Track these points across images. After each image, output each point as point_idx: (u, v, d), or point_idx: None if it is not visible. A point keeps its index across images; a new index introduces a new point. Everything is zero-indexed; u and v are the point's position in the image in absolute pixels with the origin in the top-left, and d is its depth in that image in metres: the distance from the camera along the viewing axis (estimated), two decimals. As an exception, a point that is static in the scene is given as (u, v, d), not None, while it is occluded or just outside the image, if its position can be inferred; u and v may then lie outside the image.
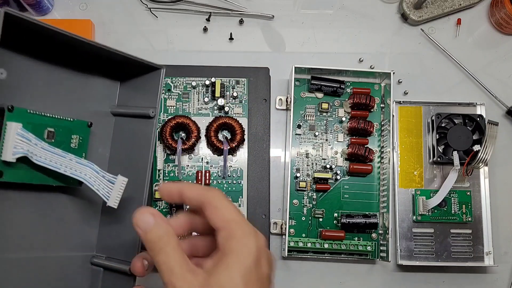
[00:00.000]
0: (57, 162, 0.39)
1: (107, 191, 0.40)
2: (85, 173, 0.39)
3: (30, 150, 0.37)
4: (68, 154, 0.39)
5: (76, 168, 0.39)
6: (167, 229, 0.34)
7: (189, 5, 0.64)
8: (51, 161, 0.38)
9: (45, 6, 0.62)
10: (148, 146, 0.46)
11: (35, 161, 0.38)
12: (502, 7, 0.62)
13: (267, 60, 0.62)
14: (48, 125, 0.42)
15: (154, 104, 0.46)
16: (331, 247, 0.56)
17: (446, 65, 0.64)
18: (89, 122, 0.46)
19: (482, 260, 0.58)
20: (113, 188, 0.40)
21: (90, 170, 0.39)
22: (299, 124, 0.60)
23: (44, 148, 0.38)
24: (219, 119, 0.57)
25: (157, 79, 0.47)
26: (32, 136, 0.38)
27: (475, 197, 0.59)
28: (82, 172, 0.39)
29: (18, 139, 0.36)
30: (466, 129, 0.59)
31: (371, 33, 0.65)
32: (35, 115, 0.41)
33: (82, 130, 0.46)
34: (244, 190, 0.57)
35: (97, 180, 0.39)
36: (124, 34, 0.64)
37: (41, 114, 0.42)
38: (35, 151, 0.38)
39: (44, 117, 0.42)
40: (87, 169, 0.39)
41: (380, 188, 0.58)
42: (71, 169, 0.39)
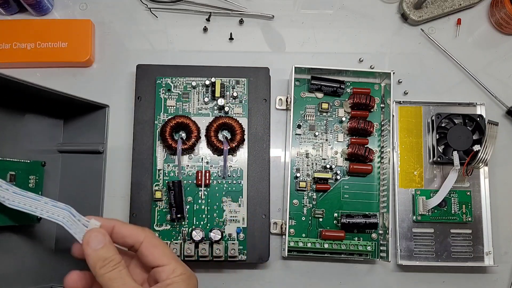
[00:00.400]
0: (31, 205, 0.39)
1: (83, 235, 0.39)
2: (63, 216, 0.38)
3: (2, 195, 0.38)
4: (42, 198, 0.39)
5: (53, 212, 0.39)
6: (116, 249, 0.37)
7: (189, 5, 0.64)
8: (25, 204, 0.39)
9: (45, 6, 0.62)
10: (100, 182, 0.47)
11: (8, 205, 0.38)
12: (502, 7, 0.62)
13: (267, 60, 0.63)
14: (8, 169, 0.44)
15: (102, 140, 0.48)
16: (331, 247, 0.56)
17: (446, 65, 0.64)
18: (43, 162, 0.48)
19: (482, 260, 0.58)
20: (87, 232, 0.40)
21: (67, 214, 0.39)
22: (299, 124, 0.60)
23: (16, 192, 0.39)
24: (219, 119, 0.57)
25: (103, 116, 0.49)
26: (3, 182, 0.39)
27: (475, 197, 0.59)
28: (60, 215, 0.38)
29: None
30: (466, 129, 0.59)
31: (371, 33, 0.65)
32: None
33: (37, 170, 0.48)
34: (244, 190, 0.57)
35: (74, 223, 0.38)
36: (124, 34, 0.64)
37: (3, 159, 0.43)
38: (7, 195, 0.38)
39: (5, 162, 0.44)
40: (65, 212, 0.39)
41: (380, 188, 0.58)
42: (47, 212, 0.39)
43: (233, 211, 0.57)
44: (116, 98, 0.60)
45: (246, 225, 0.56)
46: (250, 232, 0.56)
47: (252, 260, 0.56)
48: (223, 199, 0.57)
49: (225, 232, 0.56)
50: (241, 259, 0.55)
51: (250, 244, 0.56)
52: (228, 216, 0.56)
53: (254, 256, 0.56)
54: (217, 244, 0.55)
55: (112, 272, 0.35)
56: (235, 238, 0.56)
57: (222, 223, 0.56)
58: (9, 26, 0.61)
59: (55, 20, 0.63)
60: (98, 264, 0.35)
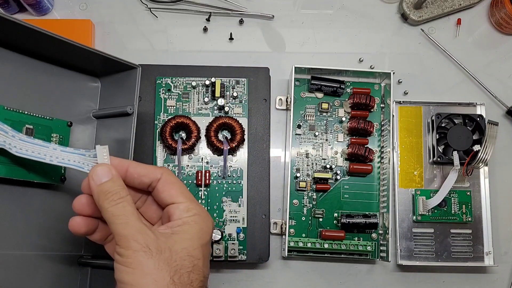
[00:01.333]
0: (40, 153, 0.37)
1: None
2: (74, 160, 0.37)
3: (8, 142, 0.36)
4: (51, 144, 0.37)
5: (64, 157, 0.37)
6: (123, 185, 0.35)
7: (189, 5, 0.64)
8: (33, 152, 0.37)
9: (45, 6, 0.62)
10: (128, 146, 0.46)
11: (15, 153, 0.36)
12: (502, 7, 0.62)
13: (267, 60, 0.62)
14: (26, 122, 0.42)
15: (132, 102, 0.46)
16: (331, 247, 0.56)
17: (446, 65, 0.64)
18: (69, 122, 0.46)
19: (482, 260, 0.58)
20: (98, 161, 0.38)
21: (77, 156, 0.37)
22: (299, 124, 0.60)
23: (23, 139, 0.37)
24: (219, 119, 0.57)
25: (134, 77, 0.47)
26: (9, 128, 0.36)
27: (475, 197, 0.59)
28: (71, 159, 0.37)
29: None
30: (466, 129, 0.59)
31: (371, 33, 0.65)
32: (13, 112, 0.40)
33: (62, 129, 0.46)
34: (244, 190, 0.57)
35: (85, 162, 0.37)
36: (124, 34, 0.64)
37: (19, 111, 0.42)
38: (14, 142, 0.36)
39: (22, 114, 0.42)
40: (74, 155, 0.37)
41: (380, 188, 0.58)
42: (57, 158, 0.37)
43: (233, 211, 0.57)
44: (116, 98, 0.60)
45: (246, 225, 0.56)
46: (250, 232, 0.56)
47: (252, 260, 0.56)
48: (223, 199, 0.57)
49: (225, 232, 0.56)
50: (241, 259, 0.55)
51: (250, 244, 0.56)
52: (228, 216, 0.56)
53: (254, 256, 0.56)
54: (217, 244, 0.55)
55: (115, 207, 0.33)
56: (235, 238, 0.56)
57: (222, 223, 0.56)
58: (9, 26, 0.61)
59: (55, 20, 0.63)
60: (101, 197, 0.34)
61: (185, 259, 0.33)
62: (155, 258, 0.32)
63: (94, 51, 0.44)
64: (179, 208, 0.35)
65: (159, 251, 0.32)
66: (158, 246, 0.33)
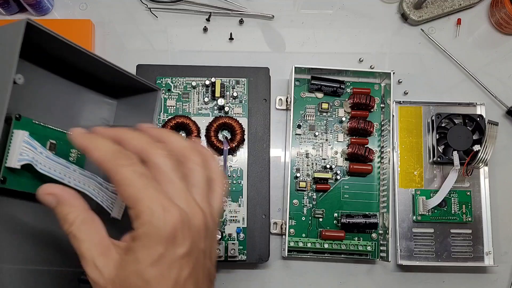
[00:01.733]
0: (61, 172, 0.38)
1: (111, 203, 0.39)
2: (89, 185, 0.38)
3: (35, 158, 0.36)
4: (72, 165, 0.38)
5: (80, 180, 0.38)
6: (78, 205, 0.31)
7: (189, 5, 0.64)
8: (55, 170, 0.37)
9: (45, 6, 0.62)
10: None
11: (39, 169, 0.37)
12: (502, 7, 0.62)
13: (267, 60, 0.62)
14: (50, 137, 0.42)
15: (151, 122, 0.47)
16: (331, 247, 0.56)
17: (446, 65, 0.64)
18: None
19: (482, 260, 0.58)
20: (116, 199, 0.39)
21: (93, 183, 0.38)
22: (299, 124, 0.60)
23: (49, 157, 0.38)
24: (219, 119, 0.57)
25: (154, 99, 0.47)
26: (38, 145, 0.37)
27: (475, 197, 0.59)
28: (86, 184, 0.38)
29: (24, 147, 0.35)
30: (466, 129, 0.59)
31: (371, 33, 0.65)
32: (40, 126, 0.41)
33: None
34: (244, 190, 0.57)
35: (100, 192, 0.38)
36: (124, 34, 0.64)
37: (45, 126, 0.42)
38: (40, 159, 0.37)
39: (47, 129, 0.42)
40: (91, 181, 0.38)
41: (380, 188, 0.58)
42: (74, 180, 0.38)
43: (233, 211, 0.57)
44: (116, 98, 0.60)
45: (246, 225, 0.56)
46: (250, 232, 0.56)
47: (252, 260, 0.56)
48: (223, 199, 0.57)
49: (225, 232, 0.56)
50: (241, 259, 0.55)
51: (250, 244, 0.56)
52: (228, 216, 0.56)
53: (254, 256, 0.56)
54: (217, 244, 0.55)
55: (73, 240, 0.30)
56: (235, 238, 0.56)
57: (222, 223, 0.56)
58: (9, 26, 0.61)
59: (55, 20, 0.63)
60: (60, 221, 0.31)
61: None
62: None
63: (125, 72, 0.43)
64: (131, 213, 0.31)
65: None
66: None
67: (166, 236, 0.27)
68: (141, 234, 0.27)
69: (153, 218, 0.27)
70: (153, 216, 0.27)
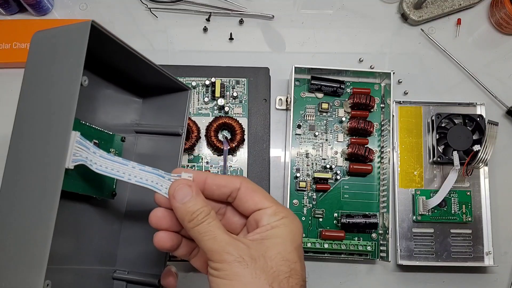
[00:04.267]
0: (119, 170, 0.36)
1: None
2: (152, 180, 0.36)
3: (89, 158, 0.35)
4: (130, 162, 0.37)
5: (142, 176, 0.36)
6: (205, 201, 0.34)
7: (189, 5, 0.64)
8: (112, 169, 0.36)
9: (45, 6, 0.62)
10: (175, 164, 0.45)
11: (95, 169, 0.35)
12: (502, 7, 0.62)
13: (267, 60, 0.62)
14: (93, 136, 0.42)
15: (182, 122, 0.46)
16: (331, 247, 0.56)
17: (446, 65, 0.64)
18: (123, 137, 0.46)
19: (482, 260, 0.58)
20: None
21: (156, 176, 0.36)
22: (299, 124, 0.60)
23: (103, 156, 0.36)
24: (219, 119, 0.57)
25: (185, 99, 0.47)
26: (90, 144, 0.35)
27: (475, 197, 0.59)
28: (149, 179, 0.36)
29: (77, 147, 0.34)
30: (466, 129, 0.59)
31: (371, 33, 0.65)
32: (85, 126, 0.40)
33: (117, 144, 0.46)
34: (244, 190, 0.57)
35: (164, 184, 0.36)
36: (124, 34, 0.63)
37: (90, 125, 0.42)
38: (94, 159, 0.36)
39: (91, 128, 0.42)
40: (153, 175, 0.37)
41: (380, 188, 0.58)
42: (135, 177, 0.36)
43: (233, 211, 0.56)
44: (116, 98, 0.60)
45: (246, 225, 0.56)
46: (250, 232, 0.56)
47: (252, 260, 0.55)
48: (223, 199, 0.57)
49: (225, 232, 0.56)
50: (241, 259, 0.55)
51: (250, 244, 0.56)
52: (228, 216, 0.56)
53: (254, 256, 0.55)
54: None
55: (201, 226, 0.33)
56: (235, 238, 0.56)
57: (222, 223, 0.56)
58: (9, 26, 0.61)
59: (55, 20, 0.63)
60: (186, 218, 0.33)
61: (281, 264, 0.32)
62: (251, 267, 0.31)
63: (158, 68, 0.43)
64: (267, 213, 0.34)
65: (253, 259, 0.32)
66: (251, 254, 0.32)
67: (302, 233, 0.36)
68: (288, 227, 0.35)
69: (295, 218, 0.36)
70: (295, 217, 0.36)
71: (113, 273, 0.45)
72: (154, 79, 0.44)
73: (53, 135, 0.32)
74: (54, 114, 0.33)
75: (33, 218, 0.31)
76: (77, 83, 0.32)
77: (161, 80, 0.44)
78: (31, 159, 0.33)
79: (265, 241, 0.33)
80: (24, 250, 0.31)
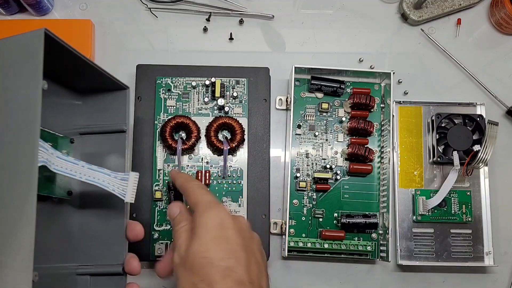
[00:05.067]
0: (71, 170, 0.39)
1: (122, 189, 0.42)
2: (98, 178, 0.41)
3: (49, 159, 0.37)
4: (80, 161, 0.40)
5: (90, 174, 0.40)
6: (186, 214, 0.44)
7: (189, 5, 0.64)
8: (66, 169, 0.39)
9: (45, 6, 0.62)
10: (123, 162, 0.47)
11: (53, 169, 0.38)
12: (502, 7, 0.62)
13: (267, 60, 0.62)
14: (47, 139, 0.43)
15: (124, 120, 0.48)
16: (331, 247, 0.56)
17: (446, 65, 0.64)
18: (71, 139, 0.48)
19: (482, 260, 0.58)
20: (128, 185, 0.43)
21: (102, 174, 0.41)
22: (299, 124, 0.60)
23: (60, 157, 0.39)
24: (219, 119, 0.57)
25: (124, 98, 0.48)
26: (49, 146, 0.37)
27: (475, 197, 0.59)
28: (96, 177, 0.41)
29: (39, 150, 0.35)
30: (466, 129, 0.59)
31: (371, 33, 0.65)
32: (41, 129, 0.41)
33: (67, 145, 0.47)
34: (244, 190, 0.57)
35: (110, 181, 0.41)
36: (124, 34, 0.64)
37: (43, 128, 0.43)
38: (52, 160, 0.38)
39: (44, 131, 0.43)
40: (99, 173, 0.41)
41: (380, 188, 0.58)
42: (85, 175, 0.40)
43: (233, 211, 0.57)
44: (116, 98, 0.60)
45: (246, 225, 0.56)
46: (250, 232, 0.56)
47: (252, 260, 0.55)
48: (223, 199, 0.57)
49: (225, 232, 0.56)
50: (241, 259, 0.55)
51: (250, 244, 0.56)
52: (228, 216, 0.56)
53: (254, 256, 0.55)
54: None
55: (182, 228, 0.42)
56: (235, 238, 0.56)
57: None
58: (9, 26, 0.61)
59: (55, 20, 0.63)
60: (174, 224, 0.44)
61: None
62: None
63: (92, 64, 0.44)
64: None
65: None
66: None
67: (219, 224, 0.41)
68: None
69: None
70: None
71: (76, 269, 0.46)
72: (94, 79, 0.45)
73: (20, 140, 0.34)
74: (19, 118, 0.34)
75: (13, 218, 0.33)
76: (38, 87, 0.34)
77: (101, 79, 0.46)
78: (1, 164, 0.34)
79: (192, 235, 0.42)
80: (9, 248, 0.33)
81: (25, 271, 0.32)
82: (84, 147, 0.49)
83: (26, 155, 0.34)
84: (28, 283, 0.32)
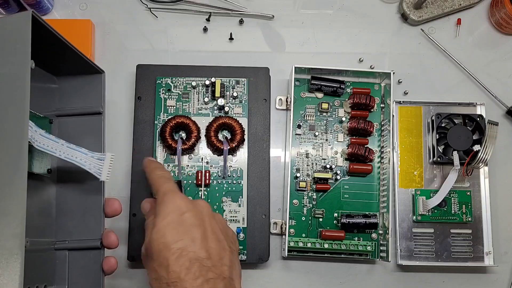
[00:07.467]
0: (52, 147, 0.41)
1: (98, 169, 0.44)
2: (76, 156, 0.43)
3: (33, 136, 0.39)
4: (60, 140, 0.42)
5: (68, 152, 0.42)
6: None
7: (189, 5, 0.64)
8: (48, 146, 0.41)
9: (45, 6, 0.62)
10: (100, 143, 0.48)
11: (36, 146, 0.39)
12: (502, 7, 0.62)
13: (267, 60, 0.62)
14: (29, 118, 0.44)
15: (101, 102, 0.49)
16: (331, 247, 0.56)
17: (446, 65, 0.64)
18: (50, 119, 0.49)
19: (482, 260, 0.58)
20: (103, 165, 0.44)
21: (79, 154, 0.43)
22: (299, 124, 0.60)
23: (43, 135, 0.41)
24: (219, 119, 0.57)
25: (99, 82, 0.50)
26: (33, 124, 0.39)
27: (475, 197, 0.59)
28: (74, 155, 0.43)
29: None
30: (466, 129, 0.59)
31: (371, 33, 0.65)
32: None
33: (46, 126, 0.48)
34: (244, 190, 0.57)
35: (87, 160, 0.43)
36: (124, 34, 0.64)
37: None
38: (36, 137, 0.40)
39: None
40: (77, 152, 0.43)
41: (380, 188, 0.58)
42: (64, 153, 0.42)
43: (233, 211, 0.57)
44: (116, 98, 0.60)
45: (246, 225, 0.56)
46: (250, 232, 0.56)
47: (252, 260, 0.56)
48: (223, 199, 0.57)
49: (225, 232, 0.56)
50: (241, 259, 0.55)
51: (250, 244, 0.56)
52: (228, 216, 0.56)
53: (254, 256, 0.56)
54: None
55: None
56: (235, 238, 0.56)
57: (222, 223, 0.56)
58: (9, 26, 0.61)
59: (55, 20, 0.63)
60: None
61: None
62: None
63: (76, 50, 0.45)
64: None
65: None
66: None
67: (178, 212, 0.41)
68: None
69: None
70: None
71: (54, 245, 0.47)
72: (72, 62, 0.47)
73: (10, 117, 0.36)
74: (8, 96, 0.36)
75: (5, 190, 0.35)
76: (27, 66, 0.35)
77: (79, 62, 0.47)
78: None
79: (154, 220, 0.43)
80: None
81: (18, 237, 0.33)
82: (61, 128, 0.50)
83: (16, 130, 0.35)
84: (21, 248, 0.33)
